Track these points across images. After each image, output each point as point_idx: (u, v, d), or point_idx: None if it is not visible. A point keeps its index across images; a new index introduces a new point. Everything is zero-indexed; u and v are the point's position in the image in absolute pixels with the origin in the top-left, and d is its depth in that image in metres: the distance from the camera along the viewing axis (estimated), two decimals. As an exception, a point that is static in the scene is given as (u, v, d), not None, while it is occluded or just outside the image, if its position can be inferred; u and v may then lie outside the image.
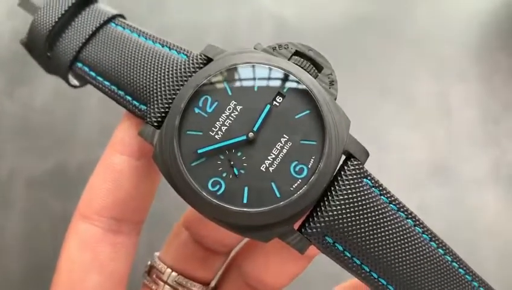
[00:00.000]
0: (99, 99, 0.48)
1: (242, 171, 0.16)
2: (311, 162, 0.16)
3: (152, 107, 0.17)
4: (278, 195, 0.16)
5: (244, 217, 0.16)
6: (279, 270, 0.20)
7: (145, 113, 0.18)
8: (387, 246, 0.17)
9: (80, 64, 0.20)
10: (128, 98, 0.19)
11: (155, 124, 0.17)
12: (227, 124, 0.17)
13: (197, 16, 0.54)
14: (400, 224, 0.17)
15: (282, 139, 0.16)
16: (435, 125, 0.47)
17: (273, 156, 0.16)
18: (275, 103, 0.17)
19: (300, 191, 0.16)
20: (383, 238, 0.17)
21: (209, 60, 0.18)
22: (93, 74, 0.20)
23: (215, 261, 0.21)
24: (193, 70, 0.18)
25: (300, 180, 0.16)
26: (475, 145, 0.46)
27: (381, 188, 0.18)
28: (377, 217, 0.17)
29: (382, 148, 0.46)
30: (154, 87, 0.18)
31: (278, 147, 0.16)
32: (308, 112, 0.16)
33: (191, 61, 0.18)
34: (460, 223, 0.43)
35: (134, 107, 0.18)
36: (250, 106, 0.17)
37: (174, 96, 0.17)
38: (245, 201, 0.16)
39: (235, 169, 0.16)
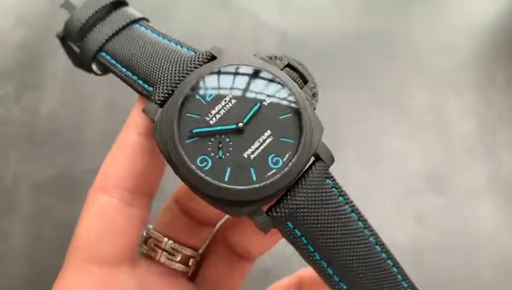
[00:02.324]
0: (104, 107, 0.49)
1: (228, 154, 0.19)
2: (287, 156, 0.19)
3: (159, 88, 0.20)
4: (254, 178, 0.19)
5: (222, 192, 0.19)
6: (257, 241, 0.23)
7: (152, 93, 0.20)
8: (337, 240, 0.20)
9: (104, 54, 0.23)
10: (140, 82, 0.21)
11: (158, 102, 0.20)
12: (221, 113, 0.19)
13: (200, 27, 0.55)
14: (350, 224, 0.20)
15: (265, 133, 0.19)
16: (431, 136, 0.48)
17: (256, 146, 0.19)
18: (264, 102, 0.20)
19: (273, 178, 0.19)
20: (335, 233, 0.20)
21: (213, 58, 0.21)
22: (113, 61, 0.23)
23: (203, 231, 0.24)
24: (198, 63, 0.21)
25: (275, 170, 0.19)
26: (471, 156, 0.47)
27: (340, 189, 0.20)
28: (333, 213, 0.20)
29: (379, 158, 0.47)
30: (164, 73, 0.21)
31: (261, 140, 0.19)
32: (290, 115, 0.19)
33: (197, 56, 0.21)
34: (456, 233, 0.44)
35: (144, 89, 0.21)
36: (243, 101, 0.19)
37: (179, 82, 0.20)
38: (226, 179, 0.19)
39: (222, 151, 0.19)
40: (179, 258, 0.23)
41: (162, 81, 0.20)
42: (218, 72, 0.20)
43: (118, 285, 0.20)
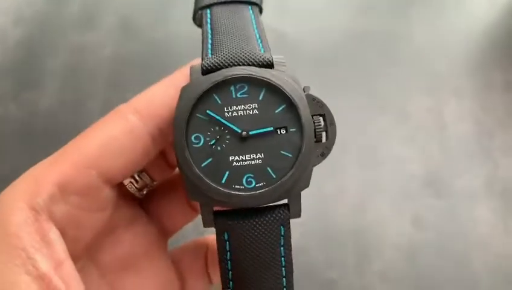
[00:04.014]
0: (102, 105, 0.49)
1: (218, 148, 0.20)
2: (261, 184, 0.20)
3: (212, 58, 0.21)
4: (223, 181, 0.20)
5: (193, 174, 0.20)
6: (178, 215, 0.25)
7: (206, 58, 0.21)
8: (254, 279, 0.21)
9: (207, 12, 0.25)
10: (209, 46, 0.22)
11: (203, 67, 0.21)
12: (239, 113, 0.20)
13: (199, 28, 0.55)
14: (274, 275, 0.21)
15: (259, 155, 0.20)
16: (429, 140, 0.48)
17: (244, 158, 0.20)
18: (278, 131, 0.20)
19: (236, 193, 0.19)
20: (256, 273, 0.21)
21: (270, 66, 0.21)
22: (207, 20, 0.24)
23: (167, 172, 0.26)
24: (256, 63, 0.21)
25: (243, 187, 0.20)
26: (469, 159, 0.47)
27: (287, 242, 0.21)
28: (265, 256, 0.21)
29: (377, 161, 0.47)
30: (225, 49, 0.21)
31: (251, 157, 0.20)
32: (290, 156, 0.20)
33: (259, 57, 0.21)
34: (453, 236, 0.44)
35: (205, 52, 0.22)
36: (264, 117, 0.20)
37: (230, 65, 0.21)
38: (202, 165, 0.20)
39: (216, 142, 0.20)
40: (138, 185, 0.24)
41: (219, 55, 0.21)
42: (265, 81, 0.20)
43: (100, 201, 0.20)
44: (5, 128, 0.47)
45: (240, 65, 0.21)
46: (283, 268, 0.21)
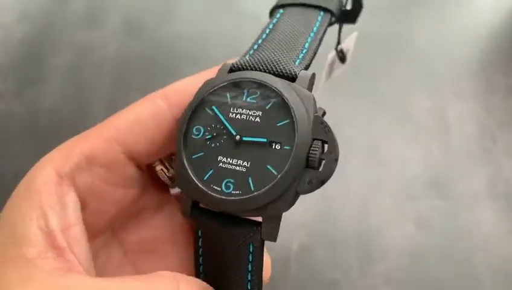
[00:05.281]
0: (104, 103, 0.49)
1: (212, 145, 0.20)
2: (238, 192, 0.19)
3: (247, 58, 0.21)
4: (204, 178, 0.20)
5: (180, 160, 0.20)
6: None
7: (243, 56, 0.22)
8: (220, 276, 0.21)
9: (281, 10, 0.25)
10: (256, 45, 0.23)
11: (232, 66, 0.21)
12: (242, 117, 0.20)
13: (204, 27, 0.56)
14: (239, 281, 0.21)
15: (245, 162, 0.19)
16: (432, 141, 0.48)
17: (231, 162, 0.19)
18: (272, 145, 0.19)
19: (211, 194, 0.19)
20: (222, 272, 0.21)
21: (292, 80, 0.21)
22: (274, 20, 0.24)
23: None
24: (280, 73, 0.21)
25: (219, 190, 0.19)
26: (472, 161, 0.47)
27: (255, 260, 0.20)
28: (231, 265, 0.21)
29: (380, 161, 0.47)
30: (263, 55, 0.21)
31: (239, 163, 0.19)
32: (274, 173, 0.19)
33: (286, 67, 0.21)
34: (456, 238, 0.44)
35: (249, 50, 0.22)
36: (264, 127, 0.19)
37: (255, 70, 0.21)
38: (193, 157, 0.20)
39: (212, 138, 0.20)
40: (169, 174, 0.24)
41: (254, 57, 0.21)
42: (275, 92, 0.20)
43: (124, 177, 0.21)
44: (8, 125, 0.47)
45: (264, 71, 0.21)
46: (248, 283, 0.21)
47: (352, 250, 0.42)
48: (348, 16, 0.28)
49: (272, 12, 0.26)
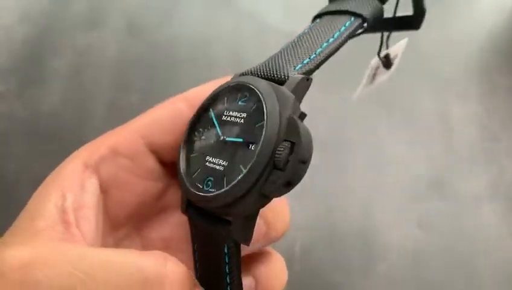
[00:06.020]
0: (105, 104, 0.49)
1: (204, 145, 0.21)
2: (214, 190, 0.19)
3: (257, 64, 0.22)
4: (193, 175, 0.21)
5: (178, 167, 0.21)
6: None
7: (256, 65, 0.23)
8: (209, 277, 0.22)
9: (316, 20, 0.26)
10: (277, 53, 0.23)
11: (244, 71, 0.22)
12: (231, 119, 0.20)
13: (204, 29, 0.56)
14: (222, 284, 0.21)
15: (224, 162, 0.20)
16: (435, 142, 0.48)
17: (214, 161, 0.20)
18: (249, 146, 0.19)
19: (193, 190, 0.20)
20: (210, 272, 0.21)
21: (281, 83, 0.21)
22: (304, 30, 0.25)
23: None
24: (272, 77, 0.21)
25: (201, 188, 0.20)
26: (474, 162, 0.47)
27: (232, 260, 0.21)
28: (213, 265, 0.21)
29: (383, 162, 0.47)
30: (270, 61, 0.22)
31: (219, 162, 0.20)
32: (244, 171, 0.19)
33: (279, 71, 0.21)
34: (458, 238, 0.43)
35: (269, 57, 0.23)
36: (244, 127, 0.20)
37: (258, 75, 0.21)
38: (190, 156, 0.21)
39: (205, 139, 0.21)
40: None
41: (264, 62, 0.22)
42: (256, 95, 0.20)
43: (146, 168, 0.22)
44: (9, 126, 0.47)
45: (261, 76, 0.21)
46: (228, 286, 0.21)
47: (354, 251, 0.42)
48: (408, 23, 0.29)
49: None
